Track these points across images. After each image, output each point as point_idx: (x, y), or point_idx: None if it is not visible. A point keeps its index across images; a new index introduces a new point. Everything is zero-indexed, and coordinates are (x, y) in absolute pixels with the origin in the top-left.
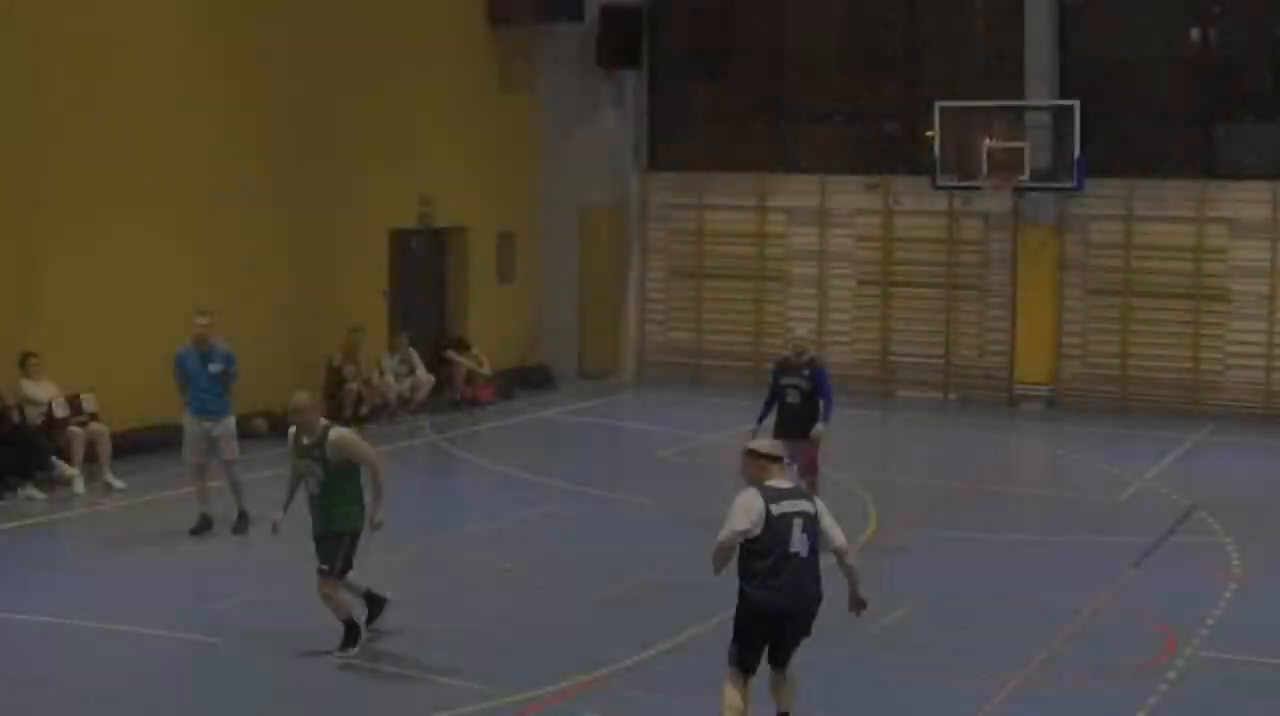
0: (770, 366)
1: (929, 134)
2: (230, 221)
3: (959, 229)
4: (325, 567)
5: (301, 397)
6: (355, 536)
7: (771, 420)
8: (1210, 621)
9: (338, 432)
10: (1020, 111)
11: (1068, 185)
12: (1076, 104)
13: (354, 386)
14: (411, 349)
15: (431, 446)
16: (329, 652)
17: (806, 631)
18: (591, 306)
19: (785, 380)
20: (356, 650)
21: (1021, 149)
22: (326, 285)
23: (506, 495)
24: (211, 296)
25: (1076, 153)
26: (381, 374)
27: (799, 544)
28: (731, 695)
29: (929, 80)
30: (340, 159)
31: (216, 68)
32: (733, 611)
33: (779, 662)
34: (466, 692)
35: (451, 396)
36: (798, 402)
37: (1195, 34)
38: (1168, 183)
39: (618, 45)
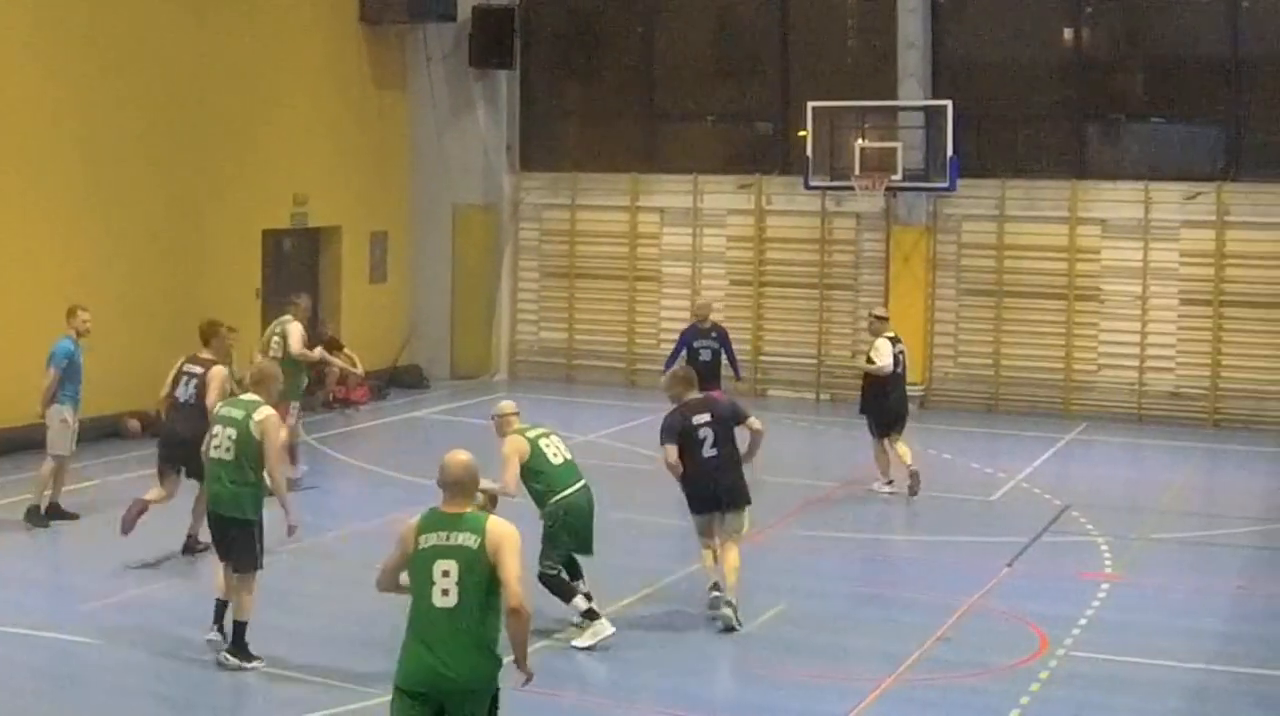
0: (681, 331)
1: (801, 134)
2: (102, 221)
3: (831, 229)
4: None
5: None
6: None
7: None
8: (1083, 621)
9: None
10: (893, 112)
11: (940, 185)
12: (949, 104)
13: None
14: None
15: (304, 446)
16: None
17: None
18: (464, 306)
19: (698, 342)
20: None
21: (894, 149)
22: (199, 285)
23: (380, 495)
24: (83, 296)
25: (949, 153)
26: None
27: (901, 367)
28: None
29: (801, 80)
30: (213, 159)
31: (87, 65)
32: (603, 613)
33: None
34: (340, 692)
35: (324, 396)
36: (710, 359)
37: (1068, 35)
38: (1040, 183)
39: (490, 45)
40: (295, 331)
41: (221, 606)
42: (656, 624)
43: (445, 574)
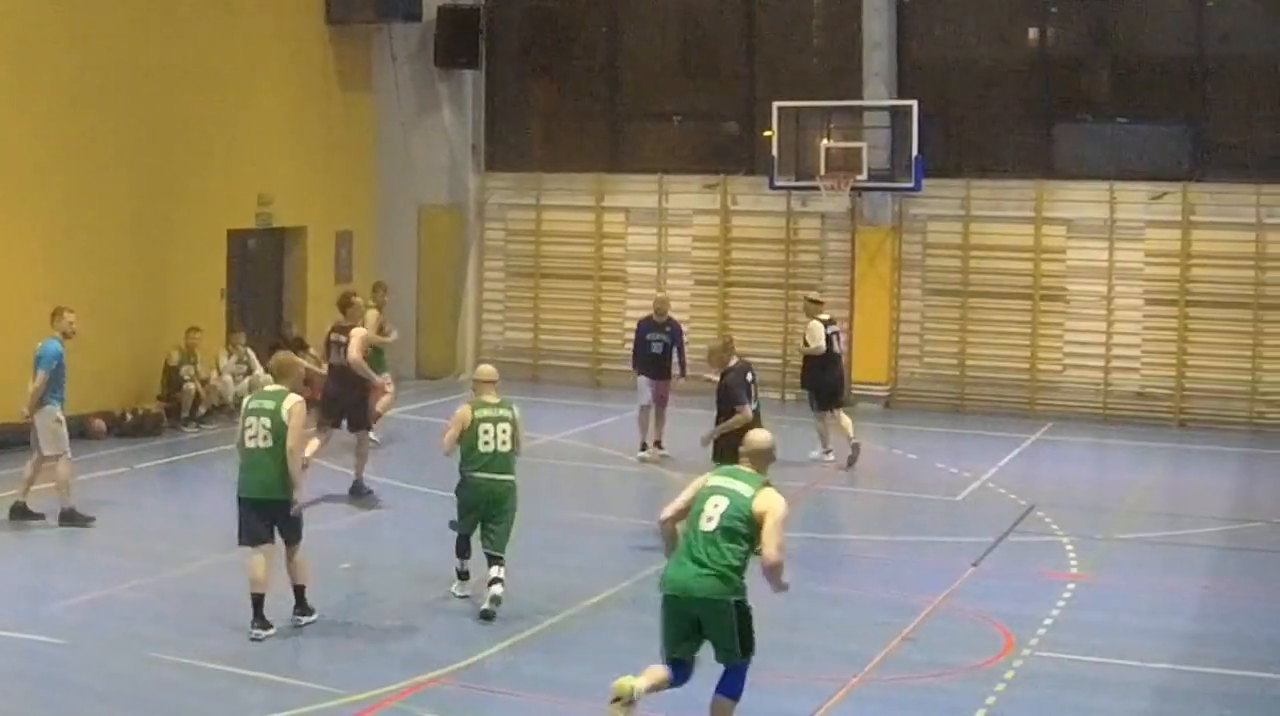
0: (636, 324)
1: (767, 134)
2: (68, 222)
3: (797, 229)
4: None
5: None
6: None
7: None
8: (1048, 621)
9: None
10: (858, 112)
11: (906, 185)
12: (915, 104)
13: (192, 386)
14: (249, 349)
15: None
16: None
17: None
18: (430, 306)
19: (650, 335)
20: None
21: (859, 149)
22: (164, 285)
23: (344, 494)
24: (48, 296)
25: (914, 153)
26: (219, 374)
27: (837, 347)
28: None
29: (767, 80)
30: (178, 159)
31: (54, 67)
32: (564, 615)
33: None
34: (305, 692)
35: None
36: (660, 352)
37: (1033, 35)
38: (1005, 183)
39: (455, 45)
40: (369, 319)
41: (259, 600)
42: (622, 623)
43: (715, 506)
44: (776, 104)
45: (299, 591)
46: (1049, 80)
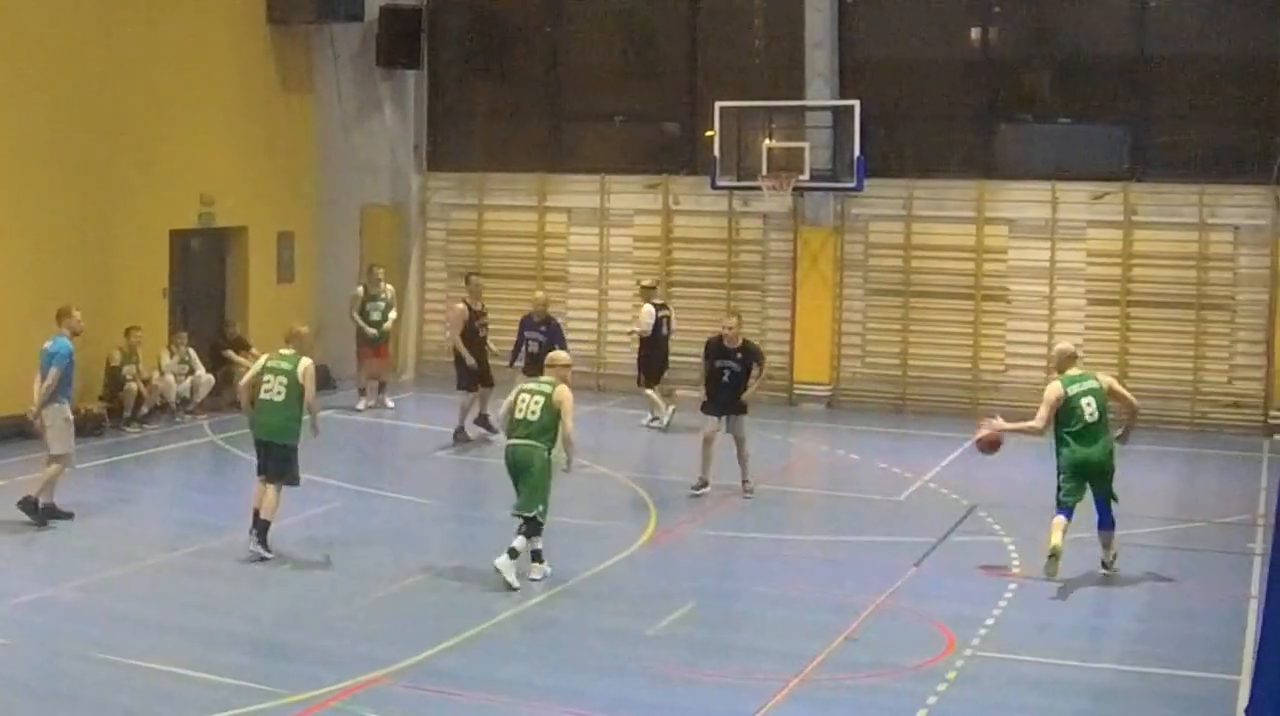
0: (518, 324)
1: (709, 134)
2: (7, 222)
3: (739, 229)
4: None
5: None
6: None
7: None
8: (990, 621)
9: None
10: (800, 112)
11: (848, 185)
12: (856, 104)
13: (133, 386)
14: (191, 349)
15: (212, 447)
16: None
17: None
18: None
19: (529, 334)
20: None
21: (801, 149)
22: (106, 285)
23: (287, 495)
24: None
25: (856, 153)
26: (161, 374)
27: (665, 330)
28: None
29: (709, 80)
30: (119, 159)
31: None
32: (507, 614)
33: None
34: (247, 692)
35: (231, 396)
36: (537, 350)
37: (975, 35)
38: (947, 183)
39: (397, 45)
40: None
41: (259, 518)
42: (565, 624)
43: (1089, 403)
44: (718, 104)
45: (264, 525)
46: (991, 80)
